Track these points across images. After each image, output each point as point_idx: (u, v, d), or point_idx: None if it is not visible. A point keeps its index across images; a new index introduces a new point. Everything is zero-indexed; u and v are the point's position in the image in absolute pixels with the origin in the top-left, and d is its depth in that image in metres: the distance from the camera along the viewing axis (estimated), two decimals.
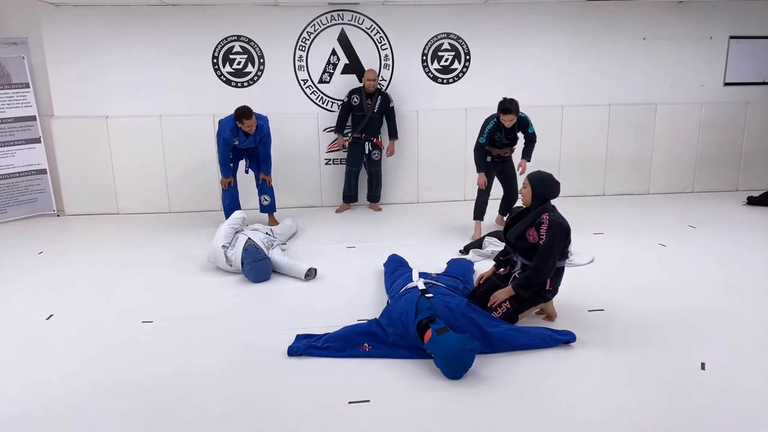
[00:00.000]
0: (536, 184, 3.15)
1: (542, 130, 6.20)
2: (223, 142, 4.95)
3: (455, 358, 2.62)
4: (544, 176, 3.19)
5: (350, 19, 5.92)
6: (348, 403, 2.49)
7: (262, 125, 5.05)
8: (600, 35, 6.19)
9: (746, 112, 6.48)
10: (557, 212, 3.13)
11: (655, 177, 6.53)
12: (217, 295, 3.80)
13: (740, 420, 2.34)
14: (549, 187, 3.15)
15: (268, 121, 5.15)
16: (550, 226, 3.00)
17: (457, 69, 6.16)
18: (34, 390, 2.64)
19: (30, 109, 5.79)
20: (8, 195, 5.74)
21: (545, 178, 3.18)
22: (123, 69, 5.79)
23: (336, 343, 2.93)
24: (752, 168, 6.60)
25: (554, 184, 3.18)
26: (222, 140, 4.95)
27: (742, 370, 2.71)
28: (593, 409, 2.42)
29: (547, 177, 3.19)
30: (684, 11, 6.22)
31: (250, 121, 4.83)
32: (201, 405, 2.50)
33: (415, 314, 2.88)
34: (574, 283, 3.81)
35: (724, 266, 4.12)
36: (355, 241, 4.90)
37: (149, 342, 3.11)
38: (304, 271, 3.98)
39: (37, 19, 5.66)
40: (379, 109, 5.72)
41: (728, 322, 3.22)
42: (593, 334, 3.06)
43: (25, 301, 3.73)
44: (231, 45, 5.86)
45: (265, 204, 5.37)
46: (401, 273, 3.54)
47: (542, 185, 3.14)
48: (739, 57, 6.41)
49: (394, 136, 5.86)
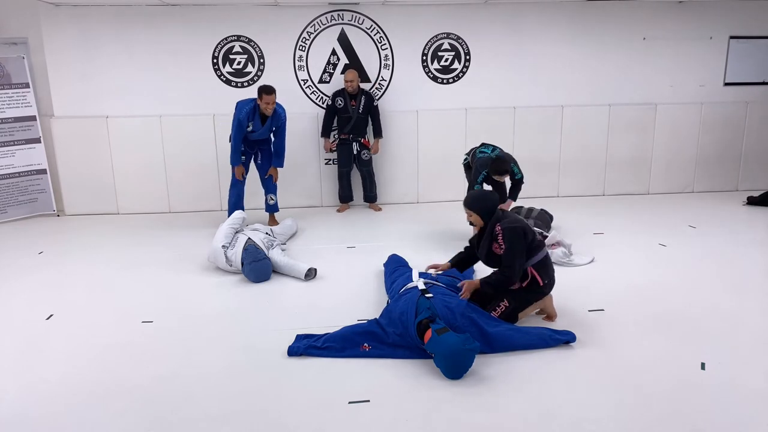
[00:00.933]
0: (476, 205, 3.21)
1: (542, 130, 6.25)
2: (238, 123, 4.84)
3: (455, 357, 2.62)
4: (476, 195, 3.28)
5: (350, 19, 5.92)
6: (348, 403, 2.49)
7: (281, 113, 4.99)
8: (600, 35, 6.19)
9: (746, 112, 6.48)
10: (508, 215, 3.19)
11: (655, 177, 6.53)
12: (217, 295, 3.80)
13: (740, 420, 2.33)
14: (486, 200, 3.21)
15: (285, 112, 5.07)
16: (504, 234, 3.06)
17: (457, 69, 6.17)
18: (34, 390, 2.64)
19: (30, 109, 5.79)
20: (8, 195, 5.74)
21: (478, 196, 3.27)
22: (123, 69, 5.80)
23: (336, 343, 2.93)
24: (752, 168, 6.60)
25: (489, 195, 3.28)
26: (236, 121, 4.85)
27: (742, 370, 2.71)
28: (593, 409, 2.42)
29: (479, 195, 3.29)
30: (684, 11, 6.22)
31: (269, 97, 4.78)
32: (201, 405, 2.50)
33: (415, 314, 2.88)
34: (574, 283, 3.82)
35: (724, 266, 4.12)
36: (355, 241, 4.90)
37: (149, 342, 3.11)
38: (304, 271, 3.98)
39: (37, 19, 5.66)
40: (364, 109, 5.76)
41: (728, 322, 3.22)
42: (593, 334, 3.06)
43: (25, 301, 3.73)
44: (231, 45, 5.86)
45: (271, 203, 5.35)
46: (401, 273, 3.54)
47: (481, 204, 3.20)
48: (739, 57, 6.42)
49: (379, 134, 5.89)
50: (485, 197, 3.24)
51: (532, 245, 3.14)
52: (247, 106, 4.86)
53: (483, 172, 4.60)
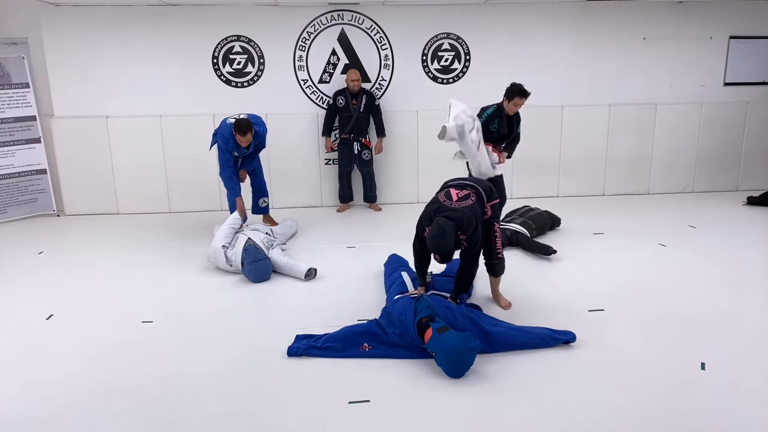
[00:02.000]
0: (438, 248, 2.92)
1: (542, 130, 6.24)
2: (221, 153, 4.70)
3: (457, 356, 2.63)
4: (434, 237, 2.92)
5: (350, 19, 5.92)
6: (348, 403, 2.49)
7: (262, 132, 4.82)
8: (600, 35, 6.19)
9: (746, 112, 6.48)
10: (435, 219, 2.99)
11: (655, 177, 6.53)
12: (217, 295, 3.80)
13: (740, 420, 2.34)
14: (441, 239, 2.90)
15: (264, 126, 4.89)
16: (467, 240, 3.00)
17: (457, 69, 6.16)
18: (34, 390, 2.64)
19: (30, 109, 5.79)
20: (8, 195, 5.74)
21: (434, 237, 2.91)
22: (123, 69, 5.79)
23: (336, 343, 2.93)
24: (752, 168, 6.60)
25: (437, 233, 2.91)
26: (219, 150, 4.71)
27: (742, 370, 2.71)
28: (593, 409, 2.42)
29: (435, 236, 2.92)
30: (684, 11, 6.22)
31: (244, 138, 4.54)
32: (201, 405, 2.50)
33: (414, 314, 2.88)
34: (574, 283, 3.83)
35: (724, 266, 4.12)
36: (355, 241, 4.90)
37: (149, 342, 3.11)
38: (304, 271, 3.98)
39: (37, 19, 5.66)
40: (365, 109, 5.75)
41: (728, 322, 3.22)
42: (593, 334, 3.06)
43: (25, 301, 3.73)
44: (231, 45, 5.86)
45: (263, 206, 5.25)
46: (396, 278, 3.54)
47: (439, 243, 2.90)
48: (739, 57, 6.41)
49: (382, 133, 5.89)
50: (437, 236, 2.90)
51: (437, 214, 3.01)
52: (225, 133, 4.62)
53: (493, 107, 4.51)
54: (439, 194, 3.22)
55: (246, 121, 4.56)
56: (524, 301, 3.53)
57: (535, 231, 4.73)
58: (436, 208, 3.08)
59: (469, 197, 3.11)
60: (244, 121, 4.55)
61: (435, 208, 3.08)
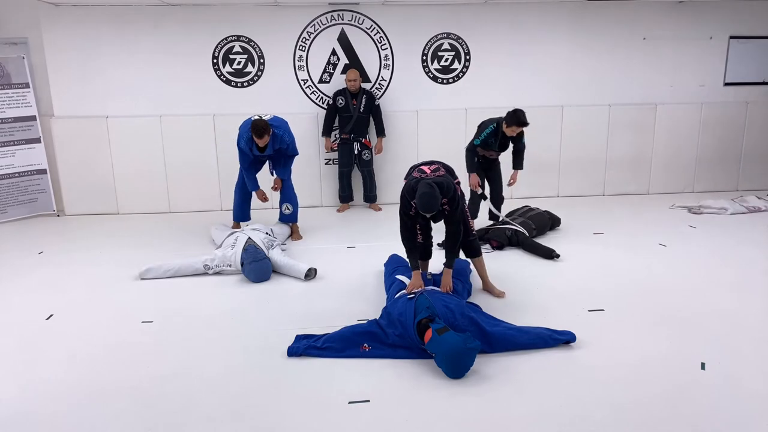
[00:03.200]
0: (430, 202, 3.08)
1: (542, 130, 6.24)
2: (240, 152, 4.67)
3: (457, 357, 2.62)
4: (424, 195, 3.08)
5: (350, 19, 5.92)
6: (348, 403, 2.49)
7: (282, 135, 4.59)
8: (600, 35, 6.19)
9: (746, 112, 6.48)
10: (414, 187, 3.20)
11: (655, 177, 6.53)
12: (217, 295, 3.80)
13: (740, 420, 2.34)
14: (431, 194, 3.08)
15: (288, 133, 4.68)
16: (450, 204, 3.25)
17: (457, 69, 6.17)
18: (34, 390, 2.64)
19: (30, 109, 5.79)
20: (8, 195, 5.74)
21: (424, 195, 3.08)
22: (123, 69, 5.79)
23: (336, 343, 2.92)
24: (752, 168, 6.61)
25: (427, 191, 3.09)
26: (239, 149, 4.67)
27: (742, 370, 2.71)
28: (593, 409, 2.42)
29: (425, 194, 3.08)
30: (684, 11, 6.22)
31: (261, 140, 4.43)
32: (201, 405, 2.50)
33: (414, 314, 2.88)
34: (575, 283, 3.82)
35: (724, 266, 4.12)
36: (355, 241, 4.90)
37: (149, 342, 3.11)
38: (304, 271, 3.98)
39: (37, 19, 5.66)
40: (365, 109, 5.76)
41: (728, 322, 3.22)
42: (593, 334, 3.06)
43: (25, 301, 3.73)
44: (231, 45, 5.86)
45: (287, 213, 5.03)
46: (394, 279, 3.53)
47: (431, 196, 3.07)
48: (739, 57, 6.42)
49: (382, 133, 5.90)
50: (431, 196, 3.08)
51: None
52: (245, 134, 4.57)
53: (491, 126, 4.55)
54: (413, 173, 3.41)
55: (261, 122, 4.41)
56: (524, 301, 3.53)
57: (535, 231, 4.73)
58: (415, 181, 3.27)
59: (440, 170, 3.37)
60: (260, 122, 4.41)
61: (414, 181, 3.27)
